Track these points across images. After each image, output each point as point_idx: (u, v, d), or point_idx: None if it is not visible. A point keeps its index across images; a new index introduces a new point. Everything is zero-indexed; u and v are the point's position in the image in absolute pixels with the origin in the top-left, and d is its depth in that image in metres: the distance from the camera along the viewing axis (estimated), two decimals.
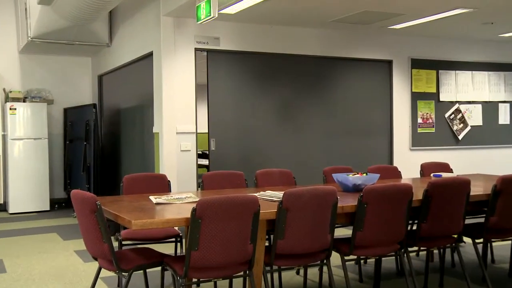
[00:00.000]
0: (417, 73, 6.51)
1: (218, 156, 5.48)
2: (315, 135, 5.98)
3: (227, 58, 5.52)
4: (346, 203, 2.92)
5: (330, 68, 6.06)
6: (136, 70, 6.09)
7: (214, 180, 3.76)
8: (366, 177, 3.46)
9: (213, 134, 5.47)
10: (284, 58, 5.81)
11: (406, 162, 6.30)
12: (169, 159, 5.12)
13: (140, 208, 2.76)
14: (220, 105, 5.51)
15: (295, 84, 5.89)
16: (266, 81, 5.74)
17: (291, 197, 2.64)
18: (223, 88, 5.55)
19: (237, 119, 5.57)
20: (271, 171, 3.97)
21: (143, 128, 5.91)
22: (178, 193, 3.28)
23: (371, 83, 6.29)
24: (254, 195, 2.56)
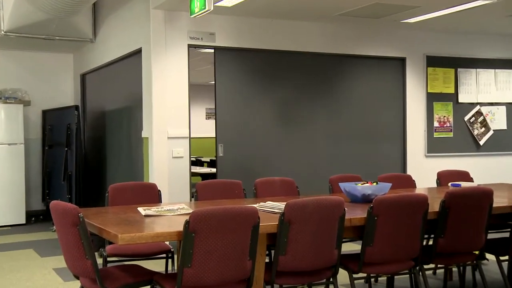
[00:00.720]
0: (433, 71, 6.54)
1: (227, 162, 5.51)
2: (320, 140, 6.00)
3: (235, 56, 5.57)
4: (355, 215, 2.94)
5: (337, 66, 6.09)
6: (123, 68, 6.11)
7: (209, 189, 3.77)
8: (377, 187, 3.48)
9: (221, 139, 5.51)
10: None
11: (421, 170, 6.32)
12: (160, 166, 5.13)
13: (127, 220, 2.77)
14: (227, 107, 5.57)
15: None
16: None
17: (294, 209, 2.66)
18: (231, 89, 5.60)
19: (246, 123, 5.62)
20: (271, 180, 3.98)
21: (131, 132, 5.93)
22: (170, 204, 3.29)
23: (382, 83, 6.32)
24: (253, 206, 2.57)
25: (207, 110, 12.33)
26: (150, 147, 5.19)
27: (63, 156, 6.69)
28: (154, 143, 5.14)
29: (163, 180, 5.09)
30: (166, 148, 5.18)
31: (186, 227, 2.39)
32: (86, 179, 7.03)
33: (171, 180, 5.19)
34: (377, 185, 3.53)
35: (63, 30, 6.39)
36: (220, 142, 5.51)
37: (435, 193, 4.08)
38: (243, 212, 2.49)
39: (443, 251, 3.13)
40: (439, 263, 3.18)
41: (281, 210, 2.73)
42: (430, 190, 4.38)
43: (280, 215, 2.66)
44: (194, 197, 3.75)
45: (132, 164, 5.84)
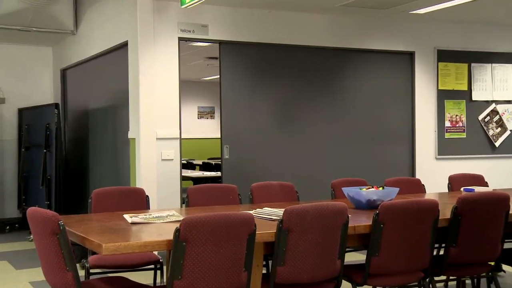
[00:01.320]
0: (445, 67, 6.56)
1: (233, 165, 5.56)
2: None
3: (242, 50, 5.61)
4: (359, 223, 2.95)
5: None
6: (107, 63, 6.11)
7: (201, 195, 3.78)
8: (383, 192, 3.49)
9: (226, 140, 5.53)
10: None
11: (431, 174, 6.34)
12: (148, 170, 5.14)
13: (112, 229, 2.77)
14: (233, 106, 5.60)
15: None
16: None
17: (293, 215, 2.67)
18: (236, 87, 5.63)
19: (251, 123, 5.67)
20: (269, 184, 3.99)
21: (116, 133, 5.92)
22: (158, 211, 3.30)
23: (389, 79, 6.34)
24: (249, 213, 2.58)
25: (199, 108, 12.34)
26: (137, 148, 5.19)
27: (42, 158, 6.68)
28: (141, 145, 5.14)
29: (151, 185, 5.09)
30: (155, 150, 5.18)
31: (177, 235, 2.40)
32: (66, 183, 7.02)
33: (160, 184, 5.19)
34: (384, 190, 3.54)
35: (41, 21, 6.36)
36: (225, 144, 5.53)
37: (446, 199, 4.09)
38: (238, 219, 2.50)
39: (455, 261, 3.14)
40: (451, 275, 3.19)
41: (279, 217, 2.74)
42: (441, 195, 4.39)
43: (278, 223, 2.67)
44: (185, 203, 3.75)
45: (118, 167, 5.84)
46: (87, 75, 6.69)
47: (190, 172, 7.90)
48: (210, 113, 12.48)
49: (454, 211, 3.10)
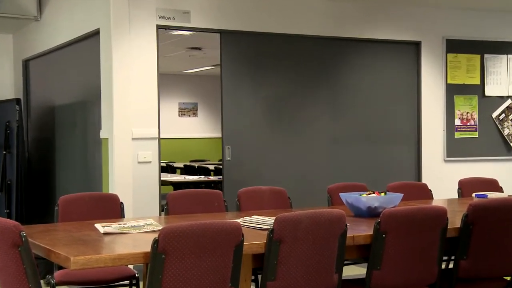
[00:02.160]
0: (455, 58, 6.59)
1: (235, 167, 5.60)
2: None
3: (245, 40, 5.65)
4: (358, 232, 2.96)
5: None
6: (76, 54, 6.09)
7: (182, 201, 3.78)
8: (385, 198, 3.51)
9: (228, 141, 5.56)
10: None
11: (438, 178, 6.37)
12: (122, 173, 5.12)
13: (82, 240, 2.76)
14: (234, 103, 5.64)
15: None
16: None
17: (285, 224, 2.68)
18: (238, 80, 5.65)
19: (257, 121, 5.73)
20: (258, 190, 4.00)
21: (87, 132, 5.91)
22: (135, 220, 3.30)
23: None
24: (236, 222, 2.59)
25: (181, 105, 12.33)
26: (111, 150, 5.18)
27: (1, 161, 6.64)
28: (115, 145, 5.13)
29: (126, 190, 5.08)
30: (130, 151, 5.17)
31: (155, 247, 2.40)
32: (29, 189, 6.98)
33: (136, 190, 5.18)
34: (386, 195, 3.56)
35: None
36: (227, 144, 5.56)
37: (456, 206, 4.13)
38: (224, 229, 2.50)
39: (466, 276, 3.17)
40: None
41: (270, 226, 2.75)
42: (450, 202, 4.42)
43: (269, 232, 2.68)
44: (164, 210, 3.75)
45: (88, 170, 5.82)
46: (53, 67, 6.65)
47: (170, 176, 7.89)
48: (192, 110, 12.47)
49: (464, 219, 3.13)
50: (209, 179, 7.53)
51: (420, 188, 4.62)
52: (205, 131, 12.55)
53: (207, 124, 12.60)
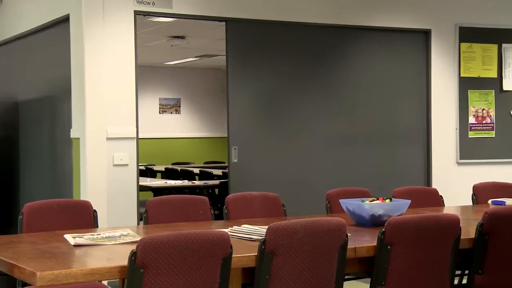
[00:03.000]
0: (469, 48, 6.60)
1: (243, 170, 5.64)
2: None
3: (253, 29, 5.70)
4: (361, 244, 2.98)
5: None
6: (43, 42, 6.07)
7: (163, 209, 3.78)
8: (391, 205, 3.52)
9: (234, 141, 5.59)
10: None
11: (451, 182, 6.40)
12: (96, 177, 5.12)
13: (50, 252, 2.76)
14: (241, 98, 5.69)
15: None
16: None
17: (278, 235, 2.68)
18: (245, 75, 5.69)
19: (266, 119, 5.79)
20: (248, 196, 4.01)
21: (55, 131, 5.89)
22: (109, 230, 3.29)
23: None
24: (223, 232, 2.59)
25: (162, 101, 12.33)
26: (82, 151, 5.17)
27: None
28: (87, 146, 5.12)
29: (100, 197, 5.07)
30: (105, 153, 5.17)
31: (132, 260, 2.40)
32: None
33: (111, 196, 5.18)
34: (392, 202, 3.57)
35: None
36: (233, 144, 5.59)
37: (470, 214, 4.15)
38: (210, 240, 2.51)
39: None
40: None
41: (262, 236, 2.75)
42: (464, 209, 4.44)
43: (260, 243, 2.68)
44: (143, 219, 3.75)
45: (57, 174, 5.81)
46: (16, 57, 6.63)
47: (149, 181, 7.88)
48: (175, 106, 12.46)
49: (479, 229, 3.15)
50: (194, 184, 7.52)
51: (430, 194, 4.63)
52: (189, 130, 12.55)
53: (192, 122, 12.59)
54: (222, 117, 12.75)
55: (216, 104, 12.63)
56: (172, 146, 12.32)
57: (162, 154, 11.96)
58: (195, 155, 12.23)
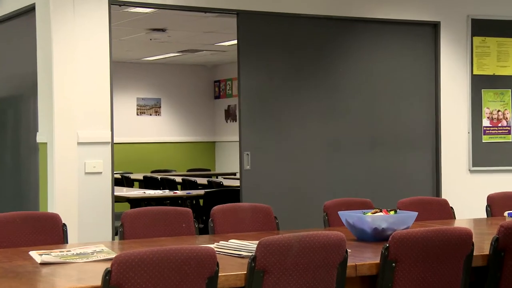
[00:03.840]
0: (482, 42, 6.62)
1: (256, 180, 5.65)
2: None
3: (267, 23, 5.77)
4: (362, 261, 2.98)
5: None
6: (5, 36, 6.05)
7: (142, 222, 3.78)
8: (395, 217, 3.52)
9: (247, 145, 5.64)
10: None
11: (462, 192, 6.41)
12: (65, 187, 5.10)
13: (14, 272, 2.75)
14: (254, 99, 5.73)
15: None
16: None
17: (270, 251, 2.68)
18: (258, 70, 5.73)
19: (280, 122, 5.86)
20: (237, 207, 4.01)
21: (19, 134, 5.87)
22: (81, 246, 3.28)
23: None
24: (209, 247, 2.59)
25: (140, 101, 12.32)
26: (50, 157, 5.16)
27: None
28: (56, 152, 5.11)
29: (70, 209, 5.06)
30: (76, 160, 5.15)
31: (107, 279, 2.40)
32: None
33: (82, 208, 5.16)
34: (396, 214, 3.57)
35: None
36: (245, 150, 5.62)
37: (484, 227, 4.16)
38: (193, 256, 2.50)
39: None
40: None
41: (251, 252, 2.75)
42: (477, 222, 4.45)
43: (250, 261, 2.69)
44: (118, 233, 3.74)
45: (21, 183, 5.78)
46: None
47: (126, 191, 7.86)
48: (154, 107, 12.46)
49: (494, 244, 3.15)
50: (176, 194, 7.51)
51: (439, 205, 4.64)
52: (170, 134, 12.54)
53: (173, 125, 12.59)
54: (207, 119, 12.89)
55: (201, 105, 12.66)
56: (151, 152, 12.30)
57: (140, 161, 11.95)
58: (177, 162, 12.23)
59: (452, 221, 4.52)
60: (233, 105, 12.48)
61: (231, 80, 12.48)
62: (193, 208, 7.05)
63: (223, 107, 12.76)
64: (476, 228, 4.08)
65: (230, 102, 12.58)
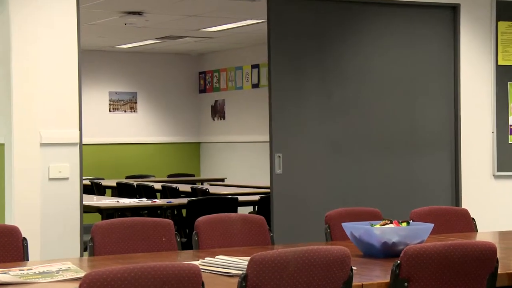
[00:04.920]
0: (509, 28, 6.63)
1: (289, 186, 5.65)
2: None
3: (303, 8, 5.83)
4: (370, 280, 2.99)
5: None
6: None
7: (115, 236, 3.77)
8: (408, 230, 3.53)
9: (278, 146, 5.65)
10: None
11: (486, 201, 6.41)
12: (26, 195, 5.09)
13: None
14: (288, 94, 5.80)
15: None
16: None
17: (264, 268, 2.68)
18: (290, 60, 5.80)
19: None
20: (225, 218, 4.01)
21: None
22: (44, 263, 3.27)
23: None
24: (193, 265, 2.59)
25: (113, 95, 12.31)
26: (8, 160, 5.15)
27: None
28: (15, 154, 5.10)
29: (31, 220, 5.05)
30: (38, 163, 5.15)
31: None
32: None
33: (46, 219, 5.16)
34: (409, 226, 3.58)
35: None
36: (277, 151, 5.62)
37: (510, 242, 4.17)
38: (175, 275, 2.50)
39: None
40: None
41: (242, 270, 2.76)
42: (502, 235, 4.46)
43: (241, 280, 2.68)
44: (88, 249, 3.74)
45: None
46: None
47: (96, 199, 7.86)
48: (129, 102, 12.46)
49: None
50: (155, 203, 7.52)
51: (459, 215, 4.65)
52: (148, 133, 12.54)
53: (151, 123, 12.59)
54: (191, 116, 12.90)
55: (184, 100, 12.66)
56: (126, 154, 12.30)
57: (113, 165, 11.94)
58: (156, 166, 12.22)
59: (473, 234, 4.52)
60: (220, 100, 12.50)
61: (219, 71, 12.50)
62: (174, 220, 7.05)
63: (209, 102, 12.77)
64: (501, 243, 4.09)
65: (217, 96, 12.59)
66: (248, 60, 11.98)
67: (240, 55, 12.19)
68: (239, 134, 12.17)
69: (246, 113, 12.04)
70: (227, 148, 12.52)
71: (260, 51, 11.55)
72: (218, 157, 12.70)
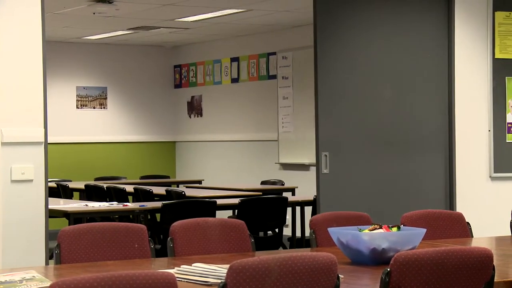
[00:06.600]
0: (506, 19, 6.65)
1: (337, 186, 5.67)
2: None
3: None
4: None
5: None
6: None
7: (83, 242, 3.77)
8: (399, 235, 3.54)
9: (325, 145, 5.67)
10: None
11: (481, 204, 6.45)
12: None
13: None
14: (335, 88, 5.87)
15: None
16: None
17: (244, 277, 2.69)
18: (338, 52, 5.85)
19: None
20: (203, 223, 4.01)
21: None
22: (6, 272, 3.27)
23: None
24: (168, 273, 2.60)
25: (80, 91, 12.29)
26: None
27: None
28: None
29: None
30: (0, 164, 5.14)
31: None
32: None
33: (8, 224, 5.15)
34: (400, 231, 3.59)
35: None
36: (323, 150, 5.65)
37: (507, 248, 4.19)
38: (149, 284, 2.51)
39: None
40: None
41: (221, 278, 2.76)
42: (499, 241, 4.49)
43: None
44: (54, 257, 3.73)
45: None
46: None
47: (63, 203, 7.84)
48: (99, 98, 12.43)
49: None
50: (126, 207, 7.51)
51: (453, 219, 4.67)
52: (119, 131, 12.51)
53: (123, 121, 12.57)
54: (166, 113, 12.88)
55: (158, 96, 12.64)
56: (95, 154, 12.27)
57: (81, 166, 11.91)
58: (127, 167, 12.20)
59: (468, 239, 4.54)
60: (197, 96, 12.49)
61: (195, 64, 12.49)
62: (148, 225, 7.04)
63: (186, 98, 12.76)
64: (498, 249, 4.11)
65: (194, 92, 12.59)
66: (227, 53, 11.97)
67: (218, 47, 12.18)
68: (217, 133, 12.16)
69: (225, 110, 12.02)
70: (204, 148, 12.51)
71: (240, 43, 11.64)
72: (195, 157, 12.69)
